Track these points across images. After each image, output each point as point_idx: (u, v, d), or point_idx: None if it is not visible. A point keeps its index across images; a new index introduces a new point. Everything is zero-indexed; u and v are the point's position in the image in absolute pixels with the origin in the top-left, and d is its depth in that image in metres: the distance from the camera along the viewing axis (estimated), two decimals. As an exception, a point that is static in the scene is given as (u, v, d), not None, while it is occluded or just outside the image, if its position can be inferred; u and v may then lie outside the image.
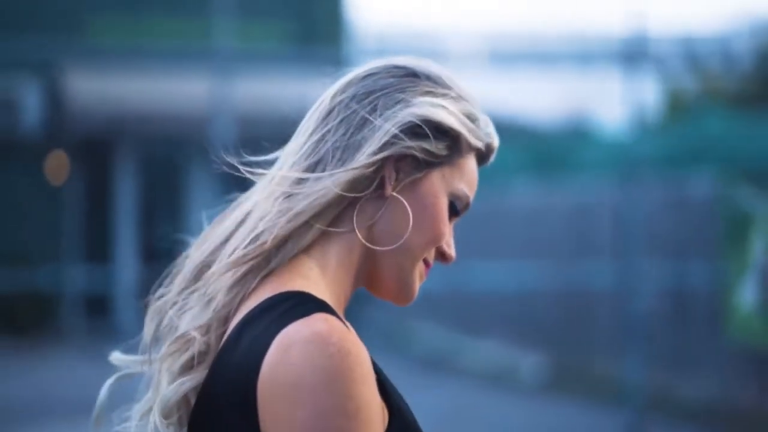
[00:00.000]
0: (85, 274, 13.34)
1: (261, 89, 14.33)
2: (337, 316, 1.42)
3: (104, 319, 14.45)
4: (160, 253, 14.13)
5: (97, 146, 15.27)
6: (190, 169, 15.04)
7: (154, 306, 1.52)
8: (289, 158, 1.50)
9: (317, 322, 1.38)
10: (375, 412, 1.37)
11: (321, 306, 1.42)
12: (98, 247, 15.16)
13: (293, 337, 1.37)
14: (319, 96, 1.54)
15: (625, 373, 8.30)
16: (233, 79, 13.80)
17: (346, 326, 1.42)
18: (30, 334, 13.71)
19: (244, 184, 1.57)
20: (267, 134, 1.66)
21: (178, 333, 1.47)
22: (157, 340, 1.51)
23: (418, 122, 1.48)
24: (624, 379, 8.27)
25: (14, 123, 14.89)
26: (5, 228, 14.75)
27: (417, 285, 1.53)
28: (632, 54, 8.90)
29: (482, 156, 1.57)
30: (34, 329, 13.81)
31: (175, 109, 13.86)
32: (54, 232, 14.80)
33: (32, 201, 14.87)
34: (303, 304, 1.41)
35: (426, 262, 1.53)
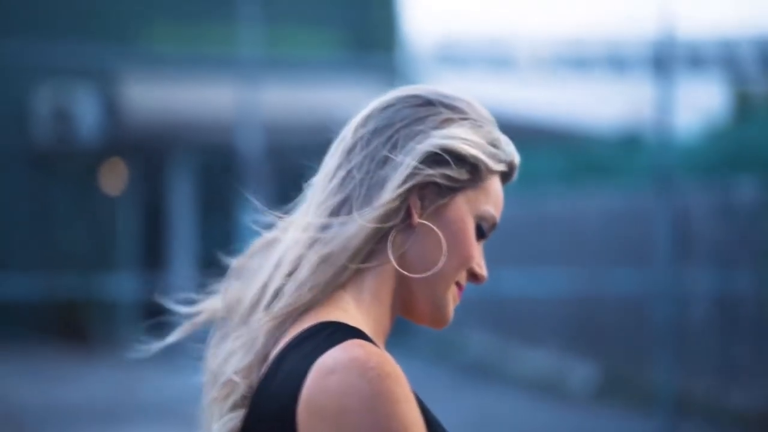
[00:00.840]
0: (141, 281, 13.43)
1: (316, 97, 14.35)
2: (374, 344, 1.45)
3: (160, 327, 14.52)
4: (215, 261, 14.19)
5: (153, 154, 15.38)
6: (244, 175, 15.08)
7: (208, 352, 1.57)
8: (316, 196, 1.55)
9: (354, 347, 1.41)
10: (419, 428, 1.40)
11: (356, 333, 1.46)
12: (154, 254, 15.25)
13: (331, 364, 1.40)
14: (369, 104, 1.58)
15: (670, 382, 8.21)
16: (290, 86, 13.86)
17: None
18: (87, 340, 13.83)
19: (293, 195, 1.57)
20: (324, 141, 1.65)
21: (223, 379, 1.52)
22: (212, 382, 1.56)
23: (437, 150, 1.51)
24: (670, 387, 8.18)
25: (71, 131, 15.04)
26: (63, 236, 14.88)
27: (451, 308, 1.56)
28: (697, 58, 8.82)
29: (506, 174, 1.60)
30: (91, 336, 13.93)
31: (231, 117, 13.92)
32: (110, 240, 14.91)
33: (89, 209, 15.00)
34: (339, 332, 1.45)
35: (458, 285, 1.56)
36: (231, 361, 1.52)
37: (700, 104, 13.47)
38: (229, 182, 15.08)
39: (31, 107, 15.17)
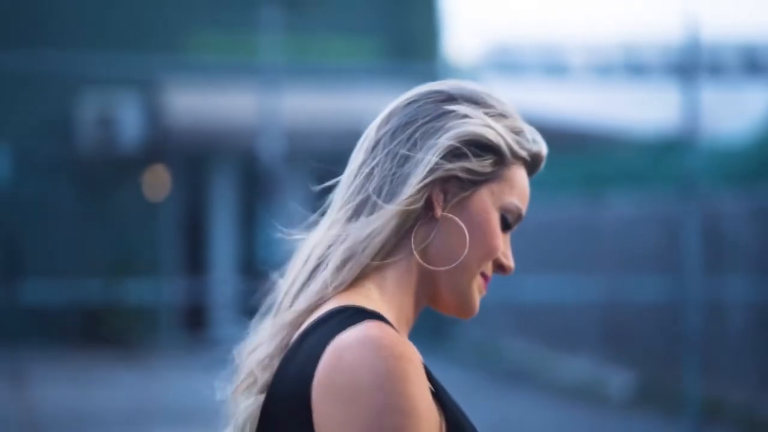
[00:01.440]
0: (184, 287, 13.52)
1: (355, 105, 14.39)
2: (393, 328, 1.47)
3: (202, 332, 14.62)
4: (257, 267, 14.26)
5: (194, 160, 15.49)
6: (285, 182, 15.15)
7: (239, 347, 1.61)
8: (340, 194, 1.58)
9: (370, 328, 1.43)
10: (429, 412, 1.42)
11: (375, 316, 1.47)
12: (196, 260, 15.34)
13: (347, 343, 1.42)
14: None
15: (698, 390, 8.18)
16: (331, 94, 13.90)
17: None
18: (129, 346, 13.94)
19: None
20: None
21: (247, 370, 1.56)
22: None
23: (456, 144, 1.53)
24: (697, 395, 8.14)
25: (114, 139, 15.17)
26: (106, 242, 15.01)
27: (477, 299, 1.58)
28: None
29: (532, 166, 1.61)
30: (134, 341, 14.03)
31: (273, 125, 13.99)
32: (153, 246, 15.02)
33: (132, 215, 15.13)
34: (357, 314, 1.47)
35: (484, 276, 1.58)
36: (255, 353, 1.56)
37: (756, 109, 13.32)
38: (269, 189, 15.15)
39: (76, 115, 15.32)
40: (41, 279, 13.40)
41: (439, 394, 1.46)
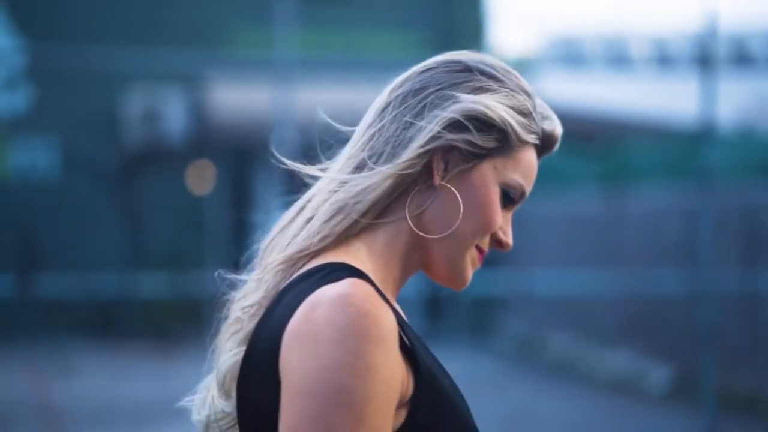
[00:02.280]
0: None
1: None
2: (377, 288, 1.47)
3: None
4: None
5: (239, 155, 15.55)
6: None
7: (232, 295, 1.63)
8: (347, 151, 1.59)
9: (346, 285, 1.44)
10: (386, 375, 1.41)
11: (356, 273, 1.48)
12: (242, 254, 15.35)
13: (320, 298, 1.44)
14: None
15: (712, 381, 8.13)
16: (374, 88, 13.91)
17: (385, 299, 1.47)
18: (177, 338, 14.03)
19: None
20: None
21: (234, 316, 1.58)
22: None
23: (459, 118, 1.53)
24: (710, 386, 8.10)
25: (159, 133, 15.27)
26: (152, 236, 15.11)
27: (469, 271, 1.58)
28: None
29: (543, 146, 1.61)
30: (181, 334, 14.12)
31: (315, 118, 14.02)
32: (198, 239, 15.10)
33: (177, 209, 15.22)
34: (339, 271, 1.49)
35: (480, 250, 1.58)
36: (243, 300, 1.58)
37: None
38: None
39: (122, 110, 15.43)
40: (88, 272, 13.52)
41: (415, 354, 1.46)
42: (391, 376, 1.41)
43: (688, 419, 9.24)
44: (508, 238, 1.59)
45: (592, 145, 14.05)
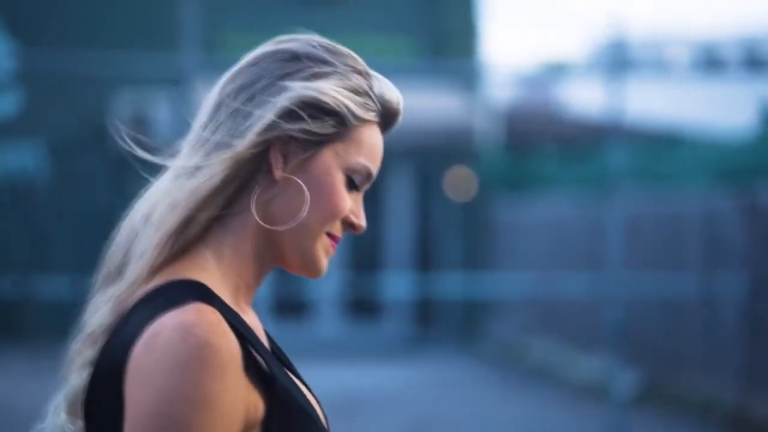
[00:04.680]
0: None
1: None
2: (224, 306, 1.46)
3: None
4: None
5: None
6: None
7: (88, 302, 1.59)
8: (183, 154, 1.56)
9: (188, 312, 1.42)
10: (226, 405, 1.40)
11: (203, 295, 1.46)
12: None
13: (161, 327, 1.42)
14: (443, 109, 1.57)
15: (713, 390, 8.18)
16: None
17: (233, 314, 1.47)
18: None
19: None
20: (392, 146, 1.66)
21: (88, 331, 1.54)
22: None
23: (292, 107, 1.51)
24: (713, 396, 8.14)
25: (148, 137, 15.20)
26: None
27: (323, 259, 1.57)
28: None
29: (386, 122, 1.59)
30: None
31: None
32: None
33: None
34: (183, 293, 1.46)
35: (332, 236, 1.57)
36: (96, 315, 1.54)
37: None
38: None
39: (111, 115, 15.41)
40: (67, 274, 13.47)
41: (271, 376, 1.45)
42: (231, 406, 1.41)
43: (653, 426, 9.29)
44: (360, 220, 1.58)
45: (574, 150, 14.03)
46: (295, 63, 1.54)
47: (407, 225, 15.10)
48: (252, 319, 1.56)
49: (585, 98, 17.51)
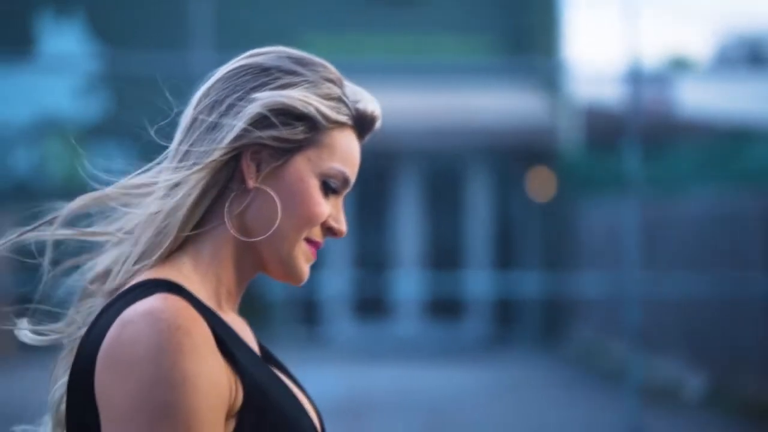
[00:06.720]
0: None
1: (472, 101, 14.40)
2: (196, 301, 1.47)
3: (315, 327, 14.74)
4: (369, 261, 14.36)
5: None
6: (398, 179, 15.25)
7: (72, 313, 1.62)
8: (162, 174, 1.59)
9: (156, 300, 1.44)
10: (208, 384, 1.41)
11: (171, 288, 1.47)
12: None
13: (131, 316, 1.43)
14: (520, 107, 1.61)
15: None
16: (446, 92, 13.92)
17: (208, 310, 1.48)
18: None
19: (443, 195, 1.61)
20: (470, 145, 1.71)
21: (72, 341, 1.57)
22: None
23: (264, 113, 1.53)
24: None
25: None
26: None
27: (303, 266, 1.58)
28: None
29: (362, 127, 1.60)
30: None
31: (385, 124, 14.06)
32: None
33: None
34: (154, 287, 1.48)
35: (311, 242, 1.58)
36: (73, 325, 1.58)
37: None
38: (383, 185, 15.23)
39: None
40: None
41: (237, 365, 1.46)
42: (213, 386, 1.41)
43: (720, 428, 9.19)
44: (341, 225, 1.59)
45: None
46: (265, 75, 1.56)
47: (487, 224, 15.09)
48: (237, 323, 1.58)
49: (694, 97, 17.23)
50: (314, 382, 11.05)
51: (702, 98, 16.71)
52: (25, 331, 1.58)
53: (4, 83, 13.96)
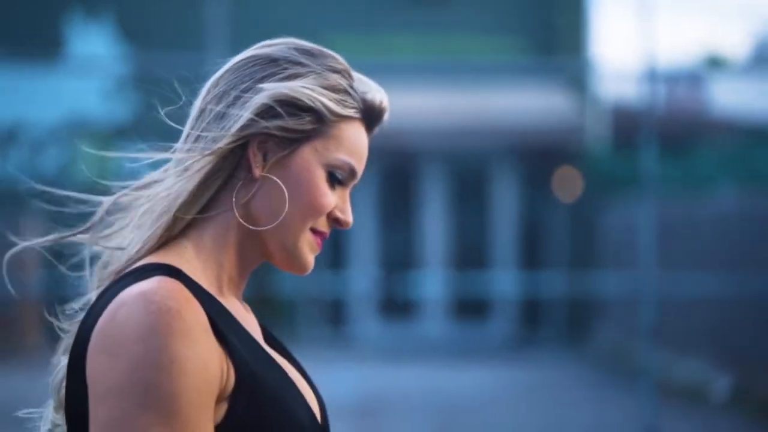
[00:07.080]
0: (324, 280, 13.69)
1: (499, 101, 14.39)
2: (194, 285, 1.48)
3: (340, 327, 14.76)
4: (394, 261, 14.37)
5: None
6: (424, 179, 15.25)
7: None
8: (171, 164, 1.60)
9: (151, 282, 1.46)
10: (195, 367, 1.41)
11: (169, 272, 1.49)
12: (337, 254, 15.48)
13: (125, 297, 1.45)
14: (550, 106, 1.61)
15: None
16: (473, 92, 13.92)
17: (206, 294, 1.49)
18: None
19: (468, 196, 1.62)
20: (497, 145, 1.72)
21: (72, 329, 1.59)
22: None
23: (270, 104, 1.54)
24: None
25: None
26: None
27: (308, 256, 1.59)
28: None
29: (370, 119, 1.61)
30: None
31: (412, 124, 14.10)
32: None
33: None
34: (152, 271, 1.49)
35: (317, 232, 1.59)
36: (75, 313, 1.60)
37: None
38: (408, 185, 15.24)
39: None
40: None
41: (230, 349, 1.46)
42: (202, 368, 1.42)
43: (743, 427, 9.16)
44: (347, 216, 1.60)
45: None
46: (272, 66, 1.57)
47: (513, 224, 15.08)
48: (238, 309, 1.59)
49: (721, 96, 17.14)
50: (339, 381, 11.10)
51: (737, 97, 16.62)
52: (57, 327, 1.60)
53: (34, 85, 14.05)
